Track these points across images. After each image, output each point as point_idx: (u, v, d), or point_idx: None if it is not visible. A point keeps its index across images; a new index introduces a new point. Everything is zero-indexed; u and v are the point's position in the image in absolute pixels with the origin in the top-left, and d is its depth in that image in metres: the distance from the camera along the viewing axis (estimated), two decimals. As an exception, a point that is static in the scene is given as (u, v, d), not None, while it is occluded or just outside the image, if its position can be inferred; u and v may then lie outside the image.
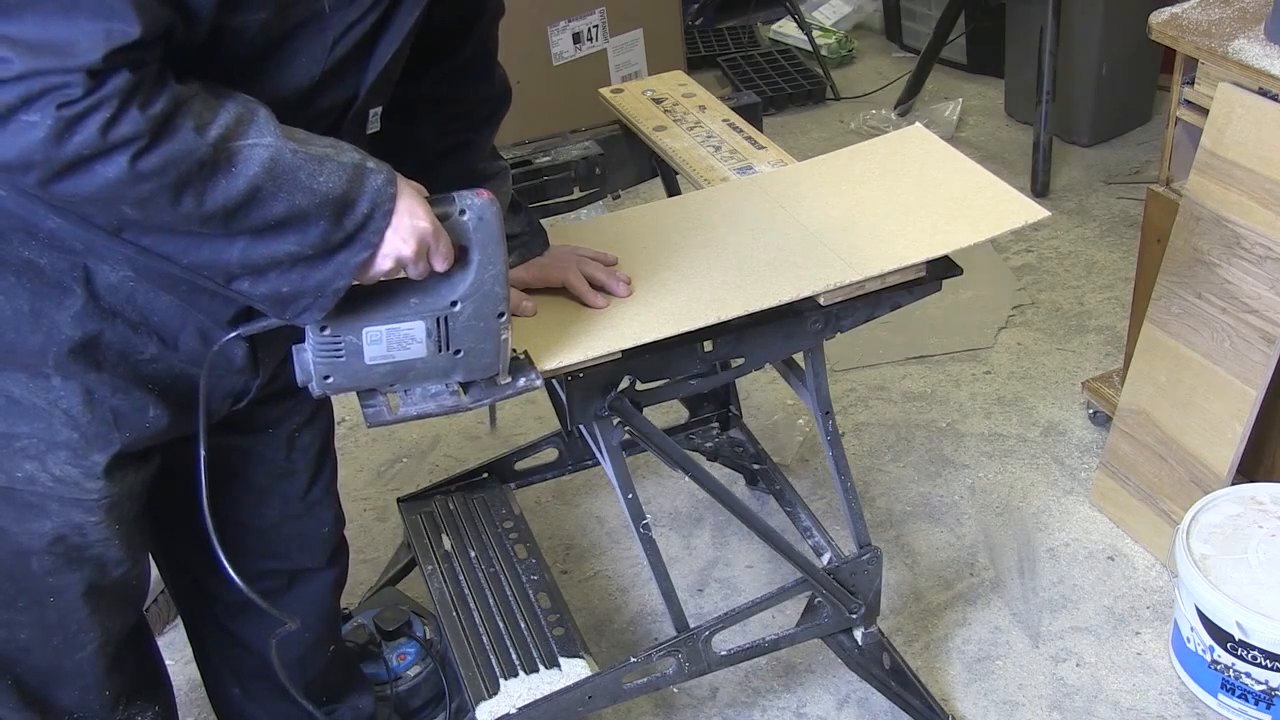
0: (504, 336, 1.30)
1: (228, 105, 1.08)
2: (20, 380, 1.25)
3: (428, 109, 1.50)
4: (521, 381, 1.37)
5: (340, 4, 1.16)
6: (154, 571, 2.10)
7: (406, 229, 1.18)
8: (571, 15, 3.50)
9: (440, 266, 1.22)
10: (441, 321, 1.26)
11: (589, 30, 3.56)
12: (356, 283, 1.20)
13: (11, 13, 0.96)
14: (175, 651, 2.11)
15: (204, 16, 1.07)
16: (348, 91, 1.25)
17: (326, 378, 1.27)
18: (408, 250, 1.18)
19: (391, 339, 1.26)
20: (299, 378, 1.28)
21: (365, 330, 1.24)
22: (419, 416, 1.35)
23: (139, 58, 1.01)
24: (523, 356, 1.40)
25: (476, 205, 1.22)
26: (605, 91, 2.05)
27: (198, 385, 1.31)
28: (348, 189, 1.14)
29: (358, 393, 1.34)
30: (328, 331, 1.24)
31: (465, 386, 1.36)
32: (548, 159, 1.91)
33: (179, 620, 2.17)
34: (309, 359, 1.26)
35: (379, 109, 1.33)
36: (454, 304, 1.26)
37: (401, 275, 1.23)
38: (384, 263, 1.19)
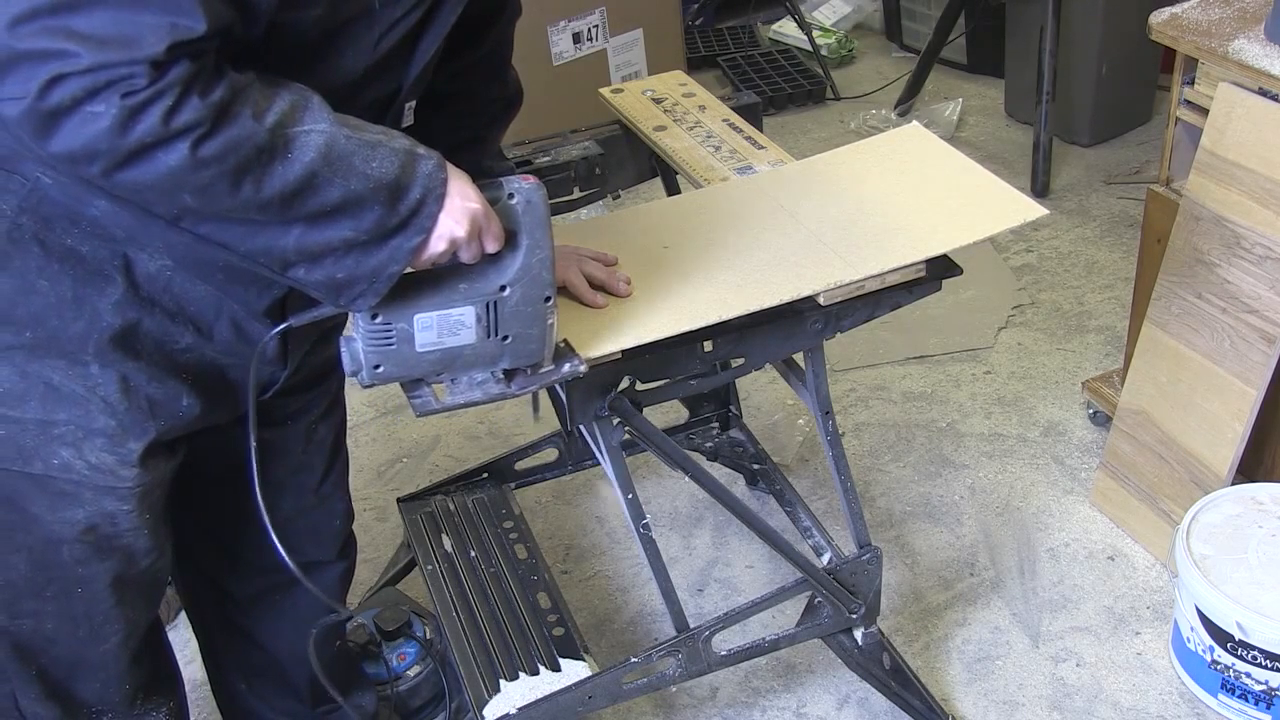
0: (550, 321, 1.31)
1: (282, 93, 1.10)
2: (60, 367, 1.26)
3: (440, 104, 1.51)
4: (566, 367, 1.38)
5: (388, 1, 1.18)
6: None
7: (459, 211, 1.19)
8: (571, 15, 3.50)
9: (492, 247, 1.23)
10: (491, 307, 1.27)
11: (589, 30, 3.56)
12: (411, 269, 1.22)
13: (82, 8, 0.98)
14: (178, 650, 2.11)
15: (263, 14, 1.09)
16: (392, 85, 1.27)
17: (377, 366, 1.27)
18: (461, 231, 1.19)
19: (442, 325, 1.27)
20: (348, 367, 1.29)
21: (417, 317, 1.25)
22: (466, 404, 1.35)
23: (200, 48, 1.03)
24: (564, 344, 1.40)
25: (525, 189, 1.24)
26: (605, 91, 2.05)
27: (229, 376, 1.33)
28: (400, 174, 1.15)
29: (402, 385, 1.34)
30: (379, 319, 1.25)
31: (509, 375, 1.36)
32: (548, 159, 1.91)
33: (179, 620, 2.18)
34: (359, 348, 1.27)
35: (414, 102, 1.35)
36: (503, 289, 1.27)
37: (453, 260, 1.24)
38: (439, 244, 1.20)
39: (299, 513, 1.65)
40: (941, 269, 1.57)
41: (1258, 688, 1.88)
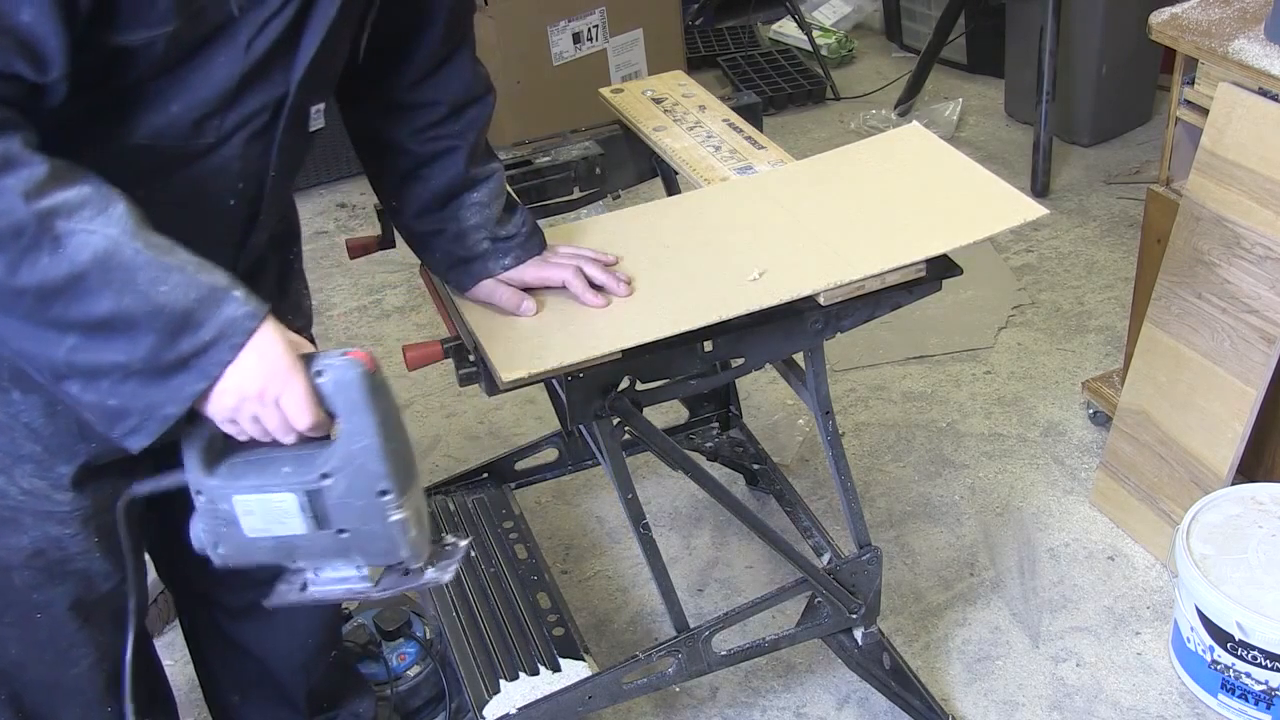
0: (394, 518, 1.13)
1: (78, 187, 1.02)
2: None
3: (403, 115, 1.48)
4: (429, 573, 1.20)
5: (250, 5, 1.12)
6: (151, 573, 2.09)
7: (253, 368, 1.08)
8: (571, 15, 3.50)
9: (300, 424, 1.10)
10: (315, 495, 1.12)
11: (589, 30, 3.56)
12: (218, 429, 1.12)
13: None
14: (176, 651, 2.11)
15: (54, 61, 1.02)
16: (278, 89, 1.20)
17: (217, 546, 1.16)
18: (250, 390, 1.08)
19: (265, 510, 1.13)
20: (195, 546, 1.18)
21: (236, 498, 1.13)
22: (323, 600, 1.22)
23: None
24: (442, 539, 1.23)
25: (337, 367, 1.09)
26: (605, 91, 2.05)
27: None
28: (193, 308, 1.05)
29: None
30: (202, 496, 1.14)
31: (383, 571, 1.20)
32: (548, 159, 1.91)
33: (178, 621, 2.17)
34: (200, 526, 1.16)
35: (321, 106, 1.29)
36: (324, 476, 1.11)
37: (272, 437, 1.13)
38: (226, 398, 1.09)
39: None
40: (941, 269, 1.57)
41: (1258, 688, 1.88)
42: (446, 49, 1.47)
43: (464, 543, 1.23)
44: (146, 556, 1.67)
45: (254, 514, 1.14)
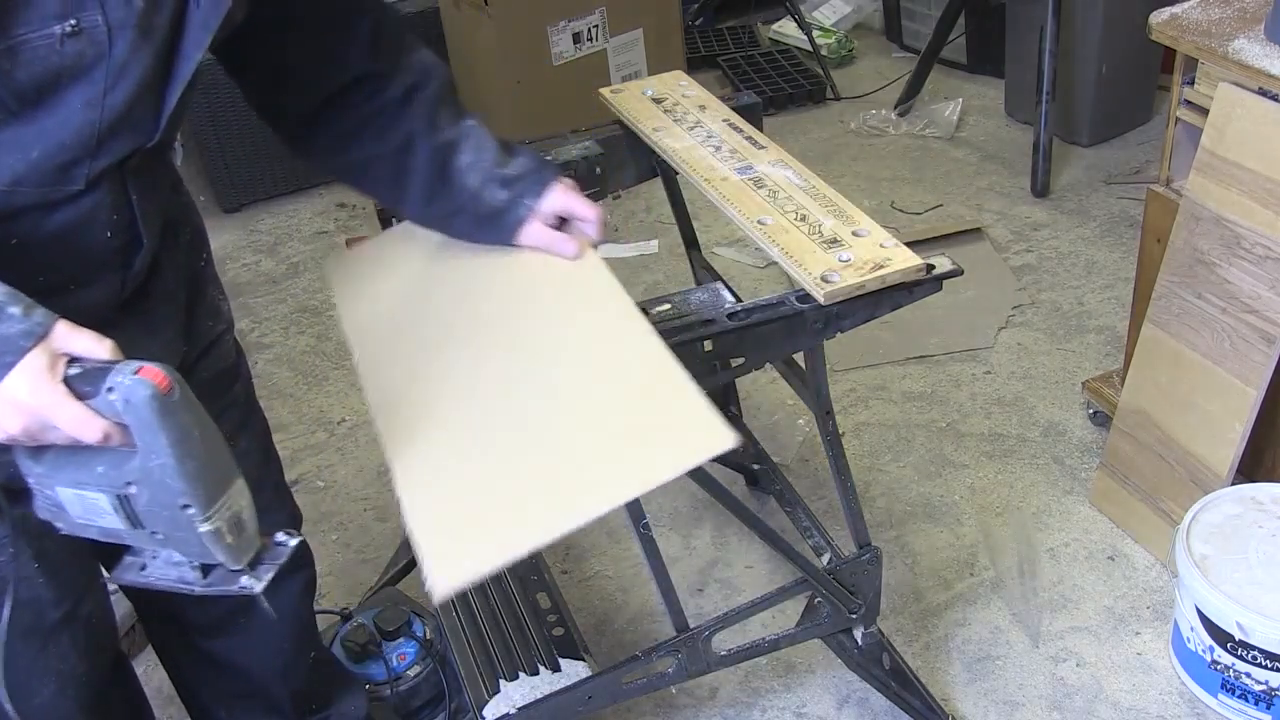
0: (202, 530, 1.10)
1: None
2: None
3: (363, 126, 1.43)
4: (244, 580, 1.17)
5: (94, 52, 1.08)
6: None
7: (21, 388, 1.02)
8: (571, 15, 3.50)
9: (87, 439, 1.05)
10: (124, 499, 1.10)
11: (589, 30, 3.56)
12: None
13: None
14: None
15: None
16: (146, 137, 1.19)
17: (56, 523, 1.16)
18: (13, 428, 1.04)
19: (84, 505, 1.12)
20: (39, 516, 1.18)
21: (58, 488, 1.12)
22: (158, 586, 1.19)
23: None
24: (278, 537, 1.19)
25: (126, 386, 1.04)
26: (605, 91, 2.05)
27: None
28: None
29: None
30: (32, 480, 1.12)
31: (208, 568, 1.18)
32: (548, 159, 1.91)
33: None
34: (37, 503, 1.16)
35: (176, 142, 1.27)
36: (129, 484, 1.09)
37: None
38: (5, 419, 1.03)
39: None
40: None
41: (1258, 688, 1.88)
42: (333, 30, 1.40)
43: (293, 542, 1.19)
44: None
45: (75, 505, 1.13)
